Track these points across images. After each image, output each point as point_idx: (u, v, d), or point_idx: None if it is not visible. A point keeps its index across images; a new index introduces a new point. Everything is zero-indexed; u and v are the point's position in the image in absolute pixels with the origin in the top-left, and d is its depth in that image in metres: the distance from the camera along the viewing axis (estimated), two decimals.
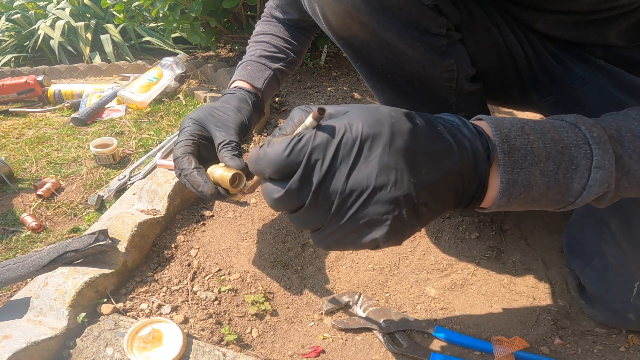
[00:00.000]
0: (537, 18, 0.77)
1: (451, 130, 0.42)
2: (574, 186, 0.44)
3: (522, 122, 0.45)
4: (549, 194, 0.44)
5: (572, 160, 0.44)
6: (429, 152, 0.40)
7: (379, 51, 0.73)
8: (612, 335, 0.75)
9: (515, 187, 0.43)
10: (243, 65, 0.91)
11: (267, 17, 0.97)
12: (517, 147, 0.43)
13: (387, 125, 0.39)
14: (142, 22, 2.16)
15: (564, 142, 0.44)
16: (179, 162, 0.71)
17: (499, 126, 0.44)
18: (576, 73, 0.79)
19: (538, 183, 0.43)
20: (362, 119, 0.39)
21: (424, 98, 0.79)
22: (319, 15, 0.73)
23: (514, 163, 0.42)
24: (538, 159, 0.43)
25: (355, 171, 0.39)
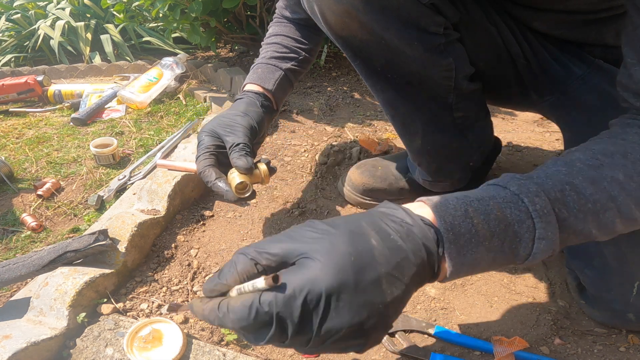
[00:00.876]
0: (535, 17, 0.77)
1: (402, 233, 0.44)
2: (520, 253, 0.47)
3: (466, 203, 0.47)
4: (496, 262, 0.48)
5: (516, 235, 0.46)
6: (390, 272, 0.42)
7: (378, 50, 0.73)
8: (612, 335, 0.75)
9: (463, 267, 0.46)
10: (254, 68, 0.92)
11: (278, 18, 0.97)
12: (462, 233, 0.45)
13: (350, 270, 0.40)
14: (142, 22, 2.16)
15: (508, 219, 0.46)
16: (203, 175, 0.75)
17: (444, 214, 0.46)
18: (575, 73, 0.79)
19: (485, 258, 0.46)
20: (323, 272, 0.40)
21: (423, 97, 0.80)
22: (318, 14, 0.73)
23: (460, 248, 0.45)
24: (483, 239, 0.46)
25: (327, 321, 0.40)
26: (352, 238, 0.42)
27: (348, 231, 0.43)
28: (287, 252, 0.43)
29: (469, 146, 0.87)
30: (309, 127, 1.35)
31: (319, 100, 1.53)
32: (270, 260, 0.43)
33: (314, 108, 1.47)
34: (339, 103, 1.53)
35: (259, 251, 0.43)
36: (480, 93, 0.84)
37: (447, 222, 0.45)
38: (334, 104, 1.52)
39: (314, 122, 1.39)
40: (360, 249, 0.42)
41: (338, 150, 1.18)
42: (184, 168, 0.99)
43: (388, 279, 0.42)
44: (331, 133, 1.31)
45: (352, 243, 0.42)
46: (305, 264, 0.41)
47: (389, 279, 0.42)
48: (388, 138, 1.29)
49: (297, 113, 1.43)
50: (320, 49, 1.84)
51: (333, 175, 1.13)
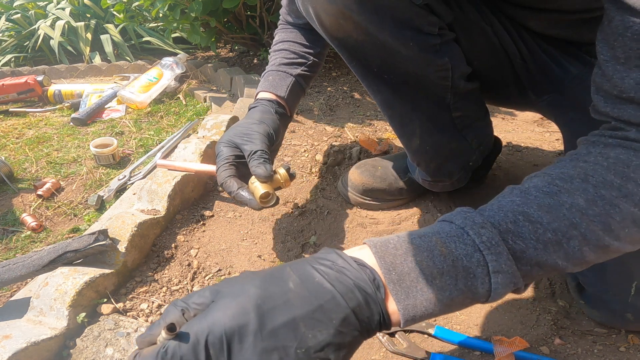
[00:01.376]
0: (530, 17, 0.78)
1: (332, 275, 0.42)
2: (479, 291, 0.44)
3: (407, 242, 0.45)
4: (456, 302, 0.44)
5: (468, 270, 0.43)
6: (311, 315, 0.40)
7: (373, 51, 0.74)
8: (612, 335, 0.75)
9: (416, 309, 0.43)
10: (265, 75, 0.92)
11: (282, 24, 0.97)
12: (405, 272, 0.43)
13: (252, 312, 0.39)
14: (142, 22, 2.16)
15: (453, 254, 0.44)
16: (225, 187, 0.76)
17: (384, 255, 0.43)
18: (571, 72, 0.79)
19: (440, 298, 0.43)
20: (223, 315, 0.39)
21: (421, 97, 0.80)
22: (313, 16, 0.73)
23: (407, 289, 0.42)
24: (432, 278, 0.43)
25: None
26: (265, 282, 0.41)
27: (266, 276, 0.42)
28: (209, 299, 0.42)
29: (468, 146, 0.87)
30: (309, 127, 1.35)
31: (319, 100, 1.53)
32: (197, 310, 0.42)
33: (314, 108, 1.48)
34: (339, 103, 1.53)
35: (187, 302, 0.43)
36: (478, 92, 0.84)
37: (387, 262, 0.43)
38: (334, 104, 1.53)
39: (314, 122, 1.39)
40: (271, 291, 0.41)
41: (338, 150, 1.18)
42: (184, 168, 0.99)
43: (307, 322, 0.40)
44: (331, 133, 1.31)
45: (263, 286, 0.41)
46: (209, 309, 0.41)
47: (308, 322, 0.40)
48: (388, 138, 1.29)
49: (297, 113, 1.43)
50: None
51: (333, 175, 1.13)
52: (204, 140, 1.12)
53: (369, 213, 1.01)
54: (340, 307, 0.41)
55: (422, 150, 0.87)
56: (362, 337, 0.43)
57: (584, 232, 0.45)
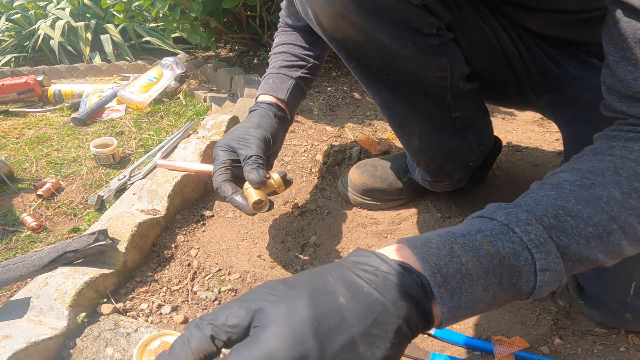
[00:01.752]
0: (528, 17, 0.78)
1: (378, 283, 0.39)
2: (523, 289, 0.43)
3: (450, 241, 0.43)
4: (498, 301, 0.43)
5: (514, 269, 0.42)
6: (367, 331, 0.38)
7: (372, 52, 0.74)
8: (612, 335, 0.75)
9: (459, 311, 0.41)
10: (265, 78, 0.92)
11: (282, 27, 0.97)
12: (451, 273, 0.41)
13: (312, 339, 0.36)
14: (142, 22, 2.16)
15: (500, 253, 0.42)
16: (219, 191, 0.76)
17: (427, 256, 0.41)
18: (571, 72, 0.79)
19: (483, 298, 0.42)
20: (280, 345, 0.36)
21: (420, 97, 0.80)
22: (312, 17, 0.73)
23: (452, 291, 0.41)
24: (477, 278, 0.41)
25: None
26: (314, 299, 0.38)
27: (310, 291, 0.39)
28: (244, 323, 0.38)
29: (468, 146, 0.87)
30: (309, 127, 1.35)
31: (319, 100, 1.53)
32: (230, 334, 0.39)
33: (314, 108, 1.48)
34: (339, 103, 1.53)
35: (216, 324, 0.39)
36: (477, 92, 0.84)
37: (431, 264, 0.41)
38: (334, 104, 1.53)
39: (314, 122, 1.39)
40: (324, 311, 0.37)
41: (338, 150, 1.18)
42: (184, 168, 0.99)
43: (365, 339, 0.37)
44: (331, 133, 1.31)
45: (313, 306, 0.38)
46: (259, 337, 0.37)
47: (366, 339, 0.38)
48: (388, 138, 1.29)
49: (297, 113, 1.43)
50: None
51: (333, 175, 1.13)
52: (204, 140, 1.12)
53: (369, 213, 1.01)
54: (393, 318, 0.39)
55: (421, 151, 0.87)
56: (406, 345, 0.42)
57: (623, 225, 0.45)
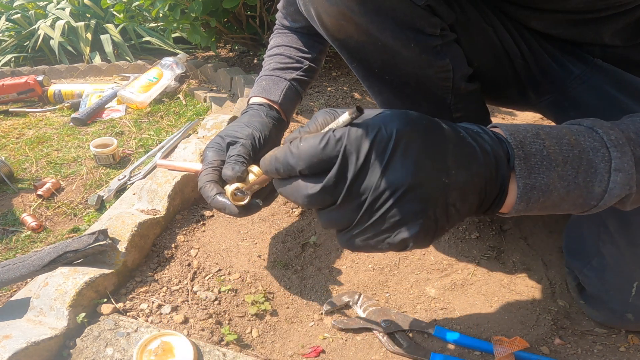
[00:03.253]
0: (532, 17, 0.77)
1: (473, 135, 0.43)
2: (595, 189, 0.44)
3: (537, 128, 0.45)
4: (570, 197, 0.45)
5: (591, 164, 0.44)
6: (458, 154, 0.41)
7: (374, 52, 0.73)
8: (612, 335, 0.75)
9: (534, 192, 0.43)
10: (258, 80, 0.90)
11: (279, 28, 0.96)
12: (532, 152, 0.43)
13: (422, 126, 0.40)
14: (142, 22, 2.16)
15: (581, 145, 0.44)
16: (203, 190, 0.72)
17: (514, 132, 0.44)
18: (573, 72, 0.79)
19: (557, 187, 0.44)
20: (397, 119, 0.39)
21: (421, 98, 0.80)
22: (314, 17, 0.73)
23: (531, 168, 0.43)
24: (555, 164, 0.43)
25: (390, 169, 0.38)
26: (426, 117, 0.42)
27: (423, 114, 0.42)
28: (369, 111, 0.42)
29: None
30: None
31: (319, 100, 1.53)
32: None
33: (314, 108, 1.47)
34: (339, 103, 1.53)
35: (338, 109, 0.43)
36: (479, 93, 0.84)
37: (517, 140, 0.43)
38: (334, 104, 1.53)
39: None
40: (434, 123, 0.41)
41: None
42: (184, 168, 0.99)
43: (454, 158, 0.40)
44: None
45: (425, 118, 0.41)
46: (381, 113, 0.40)
47: (455, 158, 0.40)
48: None
49: (297, 113, 1.43)
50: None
51: None
52: (204, 140, 1.12)
53: None
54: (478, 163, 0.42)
55: None
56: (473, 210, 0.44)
57: None
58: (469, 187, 0.41)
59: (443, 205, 0.40)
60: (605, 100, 0.74)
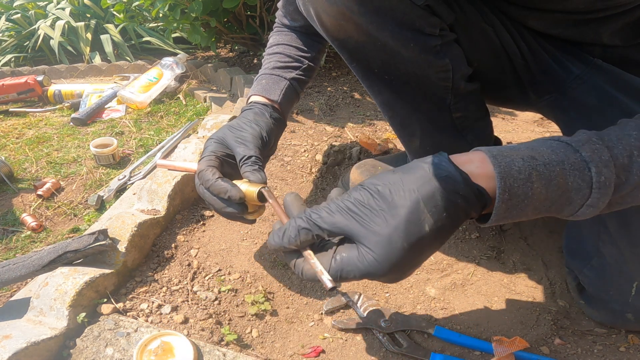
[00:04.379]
0: (531, 17, 0.77)
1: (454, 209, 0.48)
2: (563, 212, 0.50)
3: (532, 167, 0.48)
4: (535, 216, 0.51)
5: (569, 200, 0.49)
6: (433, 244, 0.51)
7: (374, 52, 0.73)
8: (612, 335, 0.75)
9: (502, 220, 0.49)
10: (258, 79, 0.89)
11: (278, 27, 0.95)
12: (517, 194, 0.47)
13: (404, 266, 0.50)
14: (142, 22, 2.16)
15: (568, 186, 0.48)
16: (202, 174, 0.69)
17: (506, 176, 0.47)
18: (573, 72, 0.79)
19: (528, 215, 0.49)
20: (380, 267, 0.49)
21: (421, 98, 0.79)
22: (314, 17, 0.73)
23: (510, 207, 0.48)
24: (536, 201, 0.48)
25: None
26: (407, 231, 0.48)
27: (405, 222, 0.48)
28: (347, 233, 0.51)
29: (468, 146, 0.87)
30: (309, 127, 1.35)
31: (319, 100, 1.53)
32: (332, 235, 0.51)
33: (314, 108, 1.47)
34: (339, 103, 1.53)
35: (321, 227, 0.51)
36: (478, 93, 0.84)
37: (506, 184, 0.47)
38: (334, 104, 1.53)
39: (314, 122, 1.39)
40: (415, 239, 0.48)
41: (338, 150, 1.18)
42: (184, 168, 0.98)
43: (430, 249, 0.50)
44: (331, 133, 1.31)
45: (407, 236, 0.48)
46: (365, 257, 0.49)
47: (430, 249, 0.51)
48: (388, 138, 1.29)
49: (297, 113, 1.43)
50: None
51: (333, 175, 1.13)
52: (204, 140, 1.12)
53: None
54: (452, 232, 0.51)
55: (422, 151, 0.87)
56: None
57: None
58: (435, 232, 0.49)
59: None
60: (605, 100, 0.74)
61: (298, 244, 0.52)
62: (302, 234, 0.52)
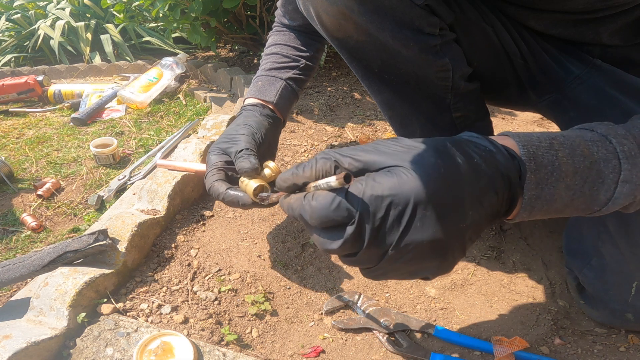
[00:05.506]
0: (531, 17, 0.77)
1: (486, 159, 0.43)
2: (600, 197, 0.46)
3: (551, 137, 0.46)
4: (573, 204, 0.46)
5: (600, 175, 0.45)
6: (475, 194, 0.42)
7: (373, 51, 0.73)
8: (612, 335, 0.75)
9: (538, 202, 0.44)
10: (255, 81, 0.91)
11: (277, 26, 0.96)
12: (544, 164, 0.44)
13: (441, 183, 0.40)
14: (142, 22, 2.16)
15: (594, 156, 0.45)
16: (212, 190, 0.73)
17: (527, 144, 0.44)
18: (573, 72, 0.79)
19: (562, 196, 0.45)
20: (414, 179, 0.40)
21: (421, 98, 0.80)
22: (314, 16, 0.73)
23: (539, 180, 0.43)
24: (565, 174, 0.44)
25: (409, 232, 0.40)
26: (438, 153, 0.42)
27: (434, 147, 0.42)
28: (372, 162, 0.43)
29: None
30: (309, 127, 1.35)
31: (319, 100, 1.53)
32: (352, 166, 0.43)
33: (314, 108, 1.47)
34: (339, 103, 1.53)
35: (343, 155, 0.43)
36: (478, 93, 0.84)
37: (529, 152, 0.44)
38: (334, 104, 1.53)
39: (314, 122, 1.39)
40: (448, 164, 0.41)
41: None
42: (184, 168, 0.99)
43: (471, 200, 0.41)
44: (331, 133, 1.31)
45: (440, 156, 0.41)
46: (394, 172, 0.41)
47: (471, 200, 0.41)
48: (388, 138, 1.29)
49: (297, 113, 1.43)
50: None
51: None
52: (204, 140, 1.12)
53: None
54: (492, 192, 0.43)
55: None
56: (488, 226, 0.47)
57: None
58: (483, 222, 0.43)
59: (461, 246, 0.43)
60: (605, 100, 0.75)
61: (313, 172, 0.44)
62: (320, 159, 0.44)
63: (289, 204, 0.45)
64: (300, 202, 0.43)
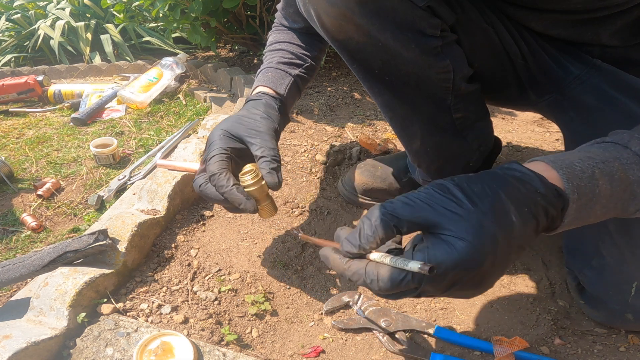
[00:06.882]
0: (531, 17, 0.77)
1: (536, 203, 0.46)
2: (629, 209, 0.52)
3: (592, 166, 0.49)
4: (603, 216, 0.51)
5: (633, 194, 0.50)
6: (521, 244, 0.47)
7: (374, 53, 0.73)
8: (612, 335, 0.75)
9: (573, 222, 0.49)
10: (263, 71, 0.88)
11: (278, 26, 0.95)
12: (585, 193, 0.48)
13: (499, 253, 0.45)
14: (142, 22, 2.16)
15: (629, 179, 0.50)
16: (216, 178, 0.68)
17: (571, 177, 0.48)
18: (573, 72, 0.79)
19: (596, 214, 0.50)
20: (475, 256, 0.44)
21: (422, 99, 0.79)
22: (314, 18, 0.73)
23: (579, 207, 0.48)
24: (602, 198, 0.49)
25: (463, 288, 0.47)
26: (496, 217, 0.45)
27: (491, 208, 0.45)
28: (429, 223, 0.46)
29: (469, 147, 0.87)
30: (309, 127, 1.35)
31: (319, 100, 1.53)
32: (410, 229, 0.47)
33: (314, 108, 1.47)
34: (339, 103, 1.53)
35: (400, 218, 0.46)
36: (479, 93, 0.84)
37: (573, 185, 0.48)
38: (334, 104, 1.52)
39: (314, 122, 1.39)
40: (504, 228, 0.45)
41: (338, 150, 1.18)
42: (184, 168, 0.99)
43: (517, 249, 0.47)
44: (331, 133, 1.31)
45: (497, 223, 0.45)
46: (455, 245, 0.44)
47: (517, 247, 0.47)
48: (388, 138, 1.29)
49: (297, 113, 1.43)
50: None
51: (333, 175, 1.13)
52: (204, 140, 1.12)
53: None
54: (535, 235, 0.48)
55: (423, 152, 0.87)
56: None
57: None
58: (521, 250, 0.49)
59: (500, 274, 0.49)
60: (605, 101, 0.75)
61: (377, 240, 0.47)
62: (381, 226, 0.46)
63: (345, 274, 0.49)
64: (363, 278, 0.48)
